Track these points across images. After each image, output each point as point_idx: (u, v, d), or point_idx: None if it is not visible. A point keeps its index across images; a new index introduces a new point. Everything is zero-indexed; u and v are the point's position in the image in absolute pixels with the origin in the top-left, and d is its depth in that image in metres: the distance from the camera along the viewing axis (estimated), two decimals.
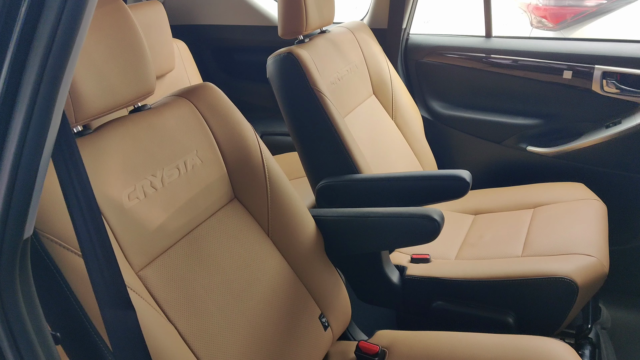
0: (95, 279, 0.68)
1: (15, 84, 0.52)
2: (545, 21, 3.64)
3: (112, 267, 0.69)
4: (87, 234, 0.66)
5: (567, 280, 1.35)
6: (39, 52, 0.51)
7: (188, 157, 1.08)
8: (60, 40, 0.51)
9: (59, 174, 0.64)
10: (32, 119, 0.54)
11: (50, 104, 0.54)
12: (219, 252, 1.07)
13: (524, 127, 2.08)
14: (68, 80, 0.56)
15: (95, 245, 0.67)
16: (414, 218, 1.18)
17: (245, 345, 1.02)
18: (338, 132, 1.57)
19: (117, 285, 0.69)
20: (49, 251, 0.76)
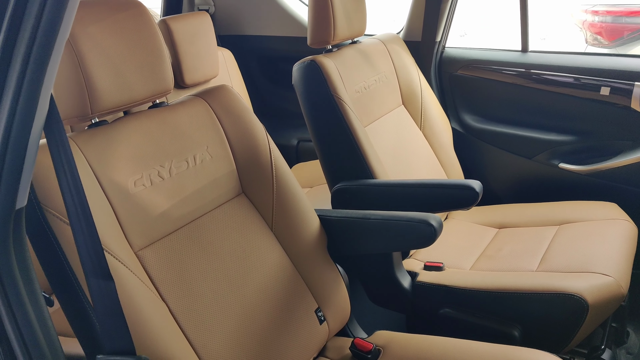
0: (81, 249, 0.75)
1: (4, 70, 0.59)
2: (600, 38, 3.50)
3: (94, 240, 0.76)
4: (74, 208, 0.73)
5: (576, 297, 1.31)
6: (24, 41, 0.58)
7: (198, 152, 1.15)
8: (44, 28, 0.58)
9: (52, 154, 0.72)
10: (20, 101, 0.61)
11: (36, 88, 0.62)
12: (220, 241, 1.13)
13: (556, 143, 2.02)
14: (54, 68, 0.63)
15: (80, 220, 0.74)
16: (412, 222, 1.19)
17: (236, 330, 1.06)
18: (355, 138, 1.60)
19: (98, 256, 0.76)
20: (50, 224, 0.85)
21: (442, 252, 1.74)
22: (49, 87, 0.64)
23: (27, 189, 0.69)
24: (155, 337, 0.90)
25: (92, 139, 0.98)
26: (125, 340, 0.80)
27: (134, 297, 0.90)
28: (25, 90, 0.61)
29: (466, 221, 1.95)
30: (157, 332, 0.91)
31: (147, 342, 0.88)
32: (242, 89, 2.49)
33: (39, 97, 0.62)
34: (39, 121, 0.65)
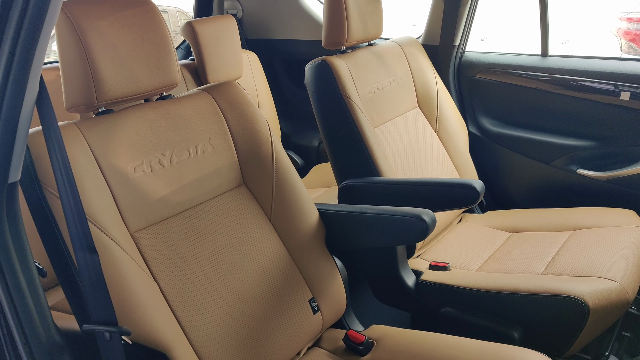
0: (69, 222, 0.80)
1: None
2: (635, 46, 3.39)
3: (80, 214, 0.80)
4: (63, 184, 0.78)
5: (577, 300, 1.28)
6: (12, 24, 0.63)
7: (200, 142, 1.19)
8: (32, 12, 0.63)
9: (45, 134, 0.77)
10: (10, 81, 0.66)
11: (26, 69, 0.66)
12: (217, 228, 1.16)
13: (575, 149, 1.97)
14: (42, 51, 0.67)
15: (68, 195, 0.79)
16: (405, 217, 1.19)
17: (227, 313, 1.09)
18: (363, 138, 1.61)
19: (84, 230, 0.81)
20: (47, 200, 0.90)
21: (450, 253, 1.72)
22: (38, 69, 0.68)
23: (20, 164, 0.73)
24: (144, 314, 0.93)
25: (95, 125, 1.04)
26: (108, 312, 0.85)
27: (125, 275, 0.94)
28: (14, 71, 0.65)
29: (479, 224, 1.93)
30: (146, 309, 0.94)
31: (135, 317, 0.92)
32: (266, 91, 2.54)
33: (28, 77, 0.67)
34: (29, 100, 0.70)
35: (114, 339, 0.85)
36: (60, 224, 0.90)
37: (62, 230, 0.90)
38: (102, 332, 0.84)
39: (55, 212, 0.89)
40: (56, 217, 0.89)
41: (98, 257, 0.84)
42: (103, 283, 0.84)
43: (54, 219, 0.90)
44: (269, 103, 2.53)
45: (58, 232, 0.90)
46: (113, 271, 0.92)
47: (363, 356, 1.21)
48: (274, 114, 2.56)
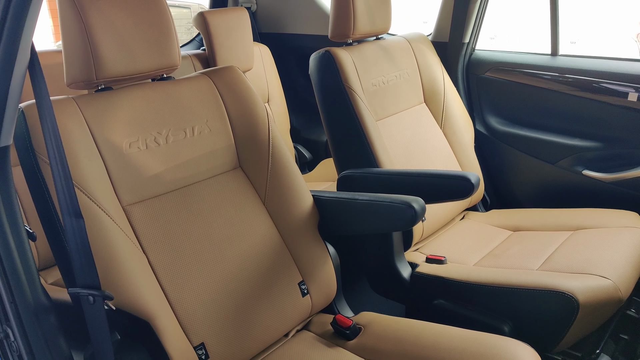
0: (57, 188, 0.83)
1: None
2: None
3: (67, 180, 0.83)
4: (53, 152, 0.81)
5: (567, 295, 1.27)
6: None
7: (197, 124, 1.21)
8: None
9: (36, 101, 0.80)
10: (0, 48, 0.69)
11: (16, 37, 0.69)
12: (210, 207, 1.19)
13: (581, 149, 1.95)
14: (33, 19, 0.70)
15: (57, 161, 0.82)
16: (394, 204, 1.20)
17: (214, 289, 1.11)
18: (364, 129, 1.62)
19: (70, 195, 0.84)
20: (40, 168, 0.93)
21: (448, 248, 1.72)
22: (28, 37, 0.71)
23: (11, 129, 0.77)
24: (130, 282, 0.96)
25: (93, 101, 1.07)
26: (92, 276, 0.88)
27: (113, 244, 0.97)
28: (5, 37, 0.68)
29: (481, 222, 1.92)
30: (132, 278, 0.97)
31: (120, 284, 0.95)
32: (277, 84, 2.56)
33: (19, 45, 0.70)
34: (20, 67, 0.73)
35: (97, 303, 0.87)
36: (51, 190, 0.93)
37: (53, 197, 0.93)
38: (86, 295, 0.87)
39: (47, 178, 0.93)
40: (47, 183, 0.93)
41: (84, 222, 0.87)
42: (88, 248, 0.87)
43: (46, 186, 0.93)
44: (279, 96, 2.56)
45: (49, 198, 0.93)
46: (101, 239, 0.95)
47: (350, 341, 1.23)
48: (284, 108, 2.58)
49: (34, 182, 0.94)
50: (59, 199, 0.86)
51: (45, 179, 0.93)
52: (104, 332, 0.88)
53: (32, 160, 0.93)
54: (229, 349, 1.09)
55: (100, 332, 0.88)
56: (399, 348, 1.15)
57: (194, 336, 1.05)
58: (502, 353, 1.03)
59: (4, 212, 0.80)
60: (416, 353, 1.12)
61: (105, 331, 0.88)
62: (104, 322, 0.88)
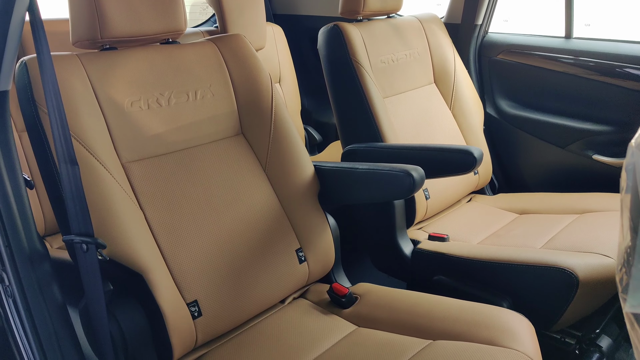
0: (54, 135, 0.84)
1: None
2: None
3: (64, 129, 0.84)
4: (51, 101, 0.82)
5: (567, 271, 1.24)
6: None
7: (200, 88, 1.21)
8: None
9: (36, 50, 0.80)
10: None
11: None
12: (210, 171, 1.19)
13: (591, 133, 1.91)
14: None
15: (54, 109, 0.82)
16: (393, 172, 1.18)
17: (210, 249, 1.11)
18: (370, 104, 1.61)
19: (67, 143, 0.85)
20: (40, 118, 0.94)
21: (452, 227, 1.70)
22: None
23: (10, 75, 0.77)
24: (124, 233, 0.96)
25: (97, 59, 1.07)
26: (86, 224, 0.88)
27: (109, 196, 0.97)
28: None
29: (488, 205, 1.90)
30: (127, 230, 0.97)
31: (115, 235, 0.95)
32: (289, 65, 2.55)
33: None
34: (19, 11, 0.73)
35: (90, 250, 0.88)
36: (50, 140, 0.94)
37: (51, 146, 0.94)
38: (79, 243, 0.87)
39: (46, 129, 0.94)
40: (46, 133, 0.94)
41: (79, 169, 0.87)
42: (82, 195, 0.87)
43: (45, 136, 0.94)
44: (291, 77, 2.54)
45: (47, 148, 0.94)
46: (98, 191, 0.95)
47: (345, 309, 1.22)
48: (295, 89, 2.57)
49: (34, 133, 0.95)
50: (56, 146, 0.86)
51: (44, 129, 0.94)
52: (97, 281, 0.89)
53: (33, 111, 0.94)
54: (222, 309, 1.09)
55: (92, 281, 0.89)
56: (394, 316, 1.14)
57: (187, 293, 1.05)
58: (496, 322, 1.02)
59: (2, 158, 0.81)
60: (410, 321, 1.11)
61: (98, 280, 0.89)
62: (96, 271, 0.89)
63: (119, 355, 0.96)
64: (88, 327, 0.96)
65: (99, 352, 0.96)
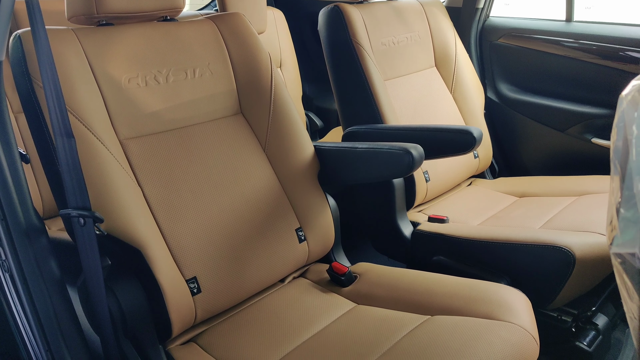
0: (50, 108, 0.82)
1: None
2: None
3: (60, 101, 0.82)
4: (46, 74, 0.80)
5: (564, 250, 1.22)
6: None
7: (199, 66, 1.19)
8: None
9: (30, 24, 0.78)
10: None
11: None
12: (209, 150, 1.16)
13: (591, 117, 1.88)
14: None
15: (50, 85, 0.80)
16: (392, 150, 1.16)
17: (209, 227, 1.09)
18: (370, 85, 1.58)
19: (62, 116, 0.83)
20: (35, 92, 0.92)
21: (451, 210, 1.68)
22: None
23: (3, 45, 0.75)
24: (122, 209, 0.95)
25: (93, 34, 1.05)
26: (83, 198, 0.86)
27: (107, 172, 0.95)
28: None
29: (488, 189, 1.88)
30: (125, 205, 0.95)
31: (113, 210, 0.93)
32: (290, 50, 2.52)
33: None
34: None
35: (87, 224, 0.86)
36: (45, 113, 0.92)
37: (46, 120, 0.92)
38: (76, 217, 0.86)
39: (41, 103, 0.92)
40: (42, 107, 0.92)
41: (75, 142, 0.85)
42: (79, 169, 0.85)
43: (40, 110, 0.92)
44: (292, 62, 2.51)
45: (43, 122, 0.92)
46: (95, 166, 0.93)
47: (345, 287, 1.20)
48: (296, 74, 2.54)
49: (30, 107, 0.93)
50: (51, 118, 0.84)
51: (39, 103, 0.92)
52: (94, 256, 0.87)
53: (28, 85, 0.92)
54: (222, 286, 1.08)
55: (90, 256, 0.87)
56: (393, 294, 1.13)
57: (186, 269, 1.03)
58: (494, 297, 1.00)
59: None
60: (409, 298, 1.09)
61: (96, 255, 0.87)
62: (94, 245, 0.87)
63: (118, 330, 0.95)
64: (86, 303, 0.95)
65: (97, 328, 0.95)
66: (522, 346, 0.89)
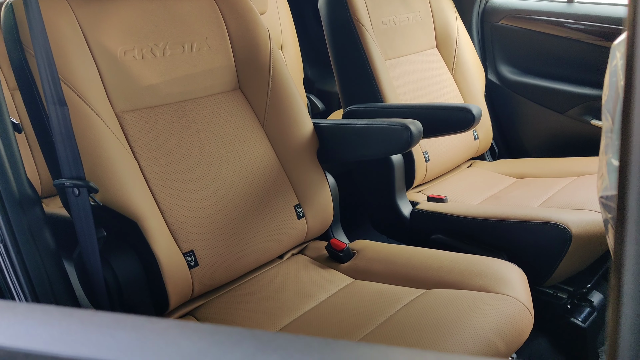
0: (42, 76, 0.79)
1: None
2: None
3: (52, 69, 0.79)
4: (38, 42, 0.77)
5: (560, 227, 1.20)
6: None
7: (196, 40, 1.16)
8: None
9: None
10: None
11: None
12: (207, 125, 1.14)
13: (591, 98, 1.84)
14: None
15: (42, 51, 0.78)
16: (391, 126, 1.14)
17: (207, 202, 1.07)
18: (371, 64, 1.55)
19: (55, 83, 0.80)
20: (27, 61, 0.90)
21: (451, 190, 1.66)
22: None
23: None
24: (118, 180, 0.93)
25: (87, 4, 1.01)
26: (77, 168, 0.84)
27: (103, 145, 0.93)
28: None
29: (488, 170, 1.85)
30: (121, 177, 0.93)
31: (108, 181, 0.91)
32: (291, 32, 2.48)
33: None
34: None
35: (82, 194, 0.84)
36: (37, 82, 0.89)
37: (39, 88, 0.89)
38: (70, 187, 0.84)
39: (33, 72, 0.89)
40: (34, 76, 0.89)
41: (67, 110, 0.83)
42: (72, 137, 0.83)
43: (33, 79, 0.90)
44: (293, 44, 2.47)
45: (36, 91, 0.90)
46: (90, 136, 0.91)
47: (343, 263, 1.19)
48: (297, 56, 2.50)
49: (22, 76, 0.90)
50: (44, 86, 0.82)
51: (32, 72, 0.89)
52: (90, 227, 0.85)
53: (20, 54, 0.89)
54: (219, 260, 1.06)
55: (85, 227, 0.85)
56: (390, 269, 1.11)
57: (183, 243, 1.02)
58: (489, 271, 0.99)
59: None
60: (405, 273, 1.07)
61: (91, 225, 0.85)
62: (89, 216, 0.85)
63: (114, 303, 0.94)
64: (82, 274, 0.93)
65: (93, 300, 0.93)
66: (516, 317, 0.88)
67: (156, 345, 0.30)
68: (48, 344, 0.31)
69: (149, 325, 0.33)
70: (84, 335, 0.32)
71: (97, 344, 0.30)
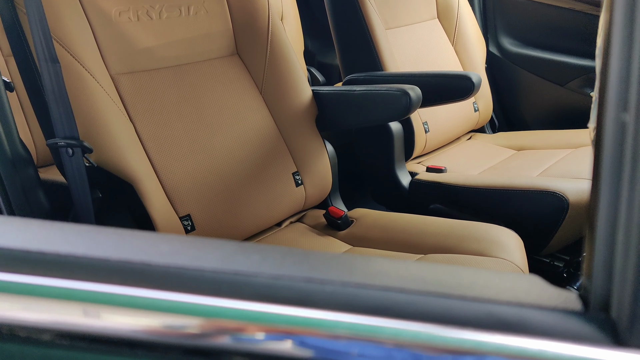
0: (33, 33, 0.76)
1: None
2: None
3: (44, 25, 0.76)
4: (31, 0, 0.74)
5: (558, 195, 1.18)
6: None
7: (193, 3, 1.11)
8: None
9: None
10: None
11: None
12: (203, 90, 1.10)
13: (591, 70, 1.80)
14: None
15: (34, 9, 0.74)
16: (390, 91, 1.10)
17: (203, 166, 1.05)
18: (371, 32, 1.50)
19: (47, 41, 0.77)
20: (19, 17, 0.86)
21: (450, 161, 1.63)
22: None
23: None
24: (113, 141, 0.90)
25: None
26: (71, 127, 0.82)
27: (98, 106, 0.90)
28: None
29: (488, 142, 1.82)
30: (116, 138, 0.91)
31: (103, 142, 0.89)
32: (292, 3, 2.41)
33: None
34: None
35: (76, 154, 0.82)
36: (29, 39, 0.86)
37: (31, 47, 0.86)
38: (64, 146, 0.81)
39: (25, 31, 0.86)
40: (25, 33, 0.86)
41: (60, 67, 0.80)
42: (65, 96, 0.80)
43: (24, 38, 0.86)
44: (293, 16, 2.41)
45: (28, 50, 0.86)
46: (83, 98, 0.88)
47: (341, 231, 1.17)
48: (298, 28, 2.44)
49: (13, 34, 0.87)
50: (35, 44, 0.78)
51: (24, 31, 0.86)
52: (84, 188, 0.83)
53: (12, 12, 0.86)
54: (217, 225, 1.04)
55: (80, 188, 0.83)
56: (387, 235, 1.09)
57: (179, 206, 0.99)
58: (486, 236, 0.97)
59: None
60: (402, 239, 1.05)
61: (85, 186, 0.83)
62: (83, 177, 0.83)
63: None
64: None
65: None
66: None
67: (135, 245, 0.30)
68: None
69: (130, 233, 0.33)
70: (62, 237, 0.33)
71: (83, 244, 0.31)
